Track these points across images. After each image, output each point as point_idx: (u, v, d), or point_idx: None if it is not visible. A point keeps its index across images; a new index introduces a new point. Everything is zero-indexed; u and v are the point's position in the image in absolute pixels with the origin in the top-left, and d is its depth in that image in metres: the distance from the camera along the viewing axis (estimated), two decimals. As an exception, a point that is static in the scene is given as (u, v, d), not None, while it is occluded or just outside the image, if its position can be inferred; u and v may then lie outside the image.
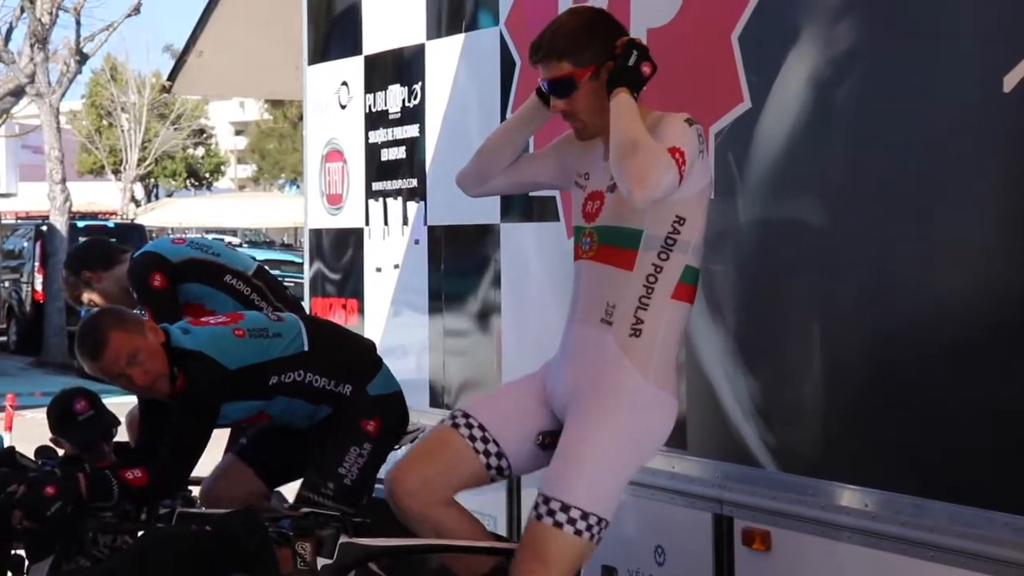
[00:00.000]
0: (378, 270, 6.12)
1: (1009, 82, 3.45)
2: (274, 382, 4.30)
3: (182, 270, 5.10)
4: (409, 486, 3.74)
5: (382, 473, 4.84)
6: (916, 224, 3.72)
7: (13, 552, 4.39)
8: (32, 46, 20.29)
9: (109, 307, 4.52)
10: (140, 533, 4.10)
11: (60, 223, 20.68)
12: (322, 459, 4.37)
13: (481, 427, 3.76)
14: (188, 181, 48.99)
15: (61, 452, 4.73)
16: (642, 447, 3.69)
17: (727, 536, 4.27)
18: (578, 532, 3.55)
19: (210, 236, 30.39)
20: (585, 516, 3.54)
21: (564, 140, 3.91)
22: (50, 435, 4.81)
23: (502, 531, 5.16)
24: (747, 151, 4.18)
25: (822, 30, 3.98)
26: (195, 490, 4.78)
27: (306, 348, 4.38)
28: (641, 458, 3.71)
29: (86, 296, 5.28)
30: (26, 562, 4.34)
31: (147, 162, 39.68)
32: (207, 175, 50.36)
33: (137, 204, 39.85)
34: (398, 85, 5.97)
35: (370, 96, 6.17)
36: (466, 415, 3.80)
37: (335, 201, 6.45)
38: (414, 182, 5.86)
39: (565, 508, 3.54)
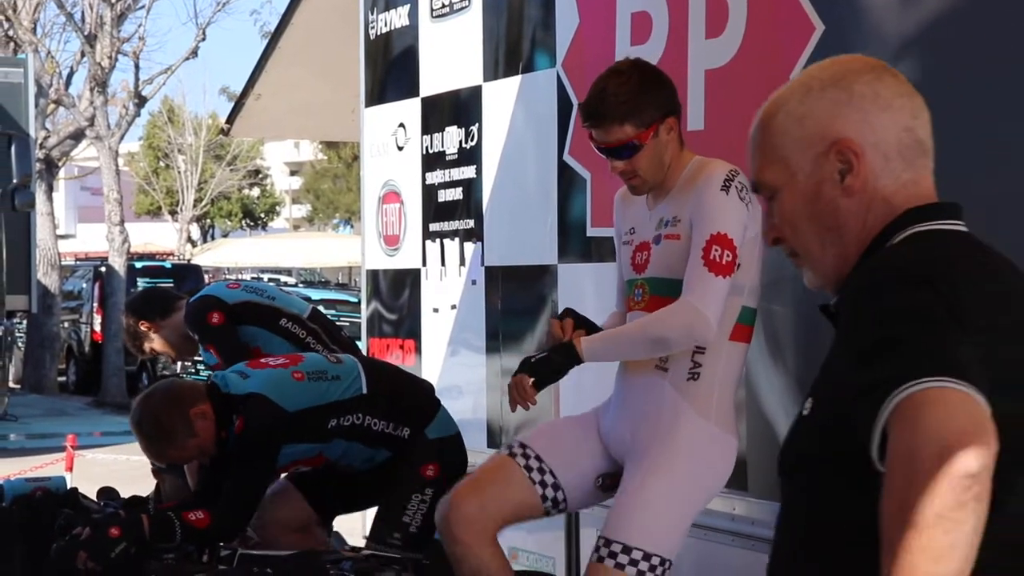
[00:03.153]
0: (435, 310, 6.13)
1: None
2: (333, 425, 4.30)
3: (238, 313, 5.12)
4: (465, 511, 3.68)
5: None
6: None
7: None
8: (92, 90, 20.55)
9: (149, 423, 4.28)
10: (201, 575, 4.11)
11: (118, 264, 20.86)
12: (386, 509, 4.36)
13: (538, 458, 3.74)
14: (243, 221, 49.37)
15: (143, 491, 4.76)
16: (704, 489, 3.66)
17: (789, 579, 4.21)
18: (640, 573, 3.52)
19: (265, 276, 30.62)
20: (648, 557, 3.52)
21: (615, 219, 3.92)
22: (152, 468, 4.88)
23: (561, 573, 5.13)
24: (806, 191, 4.16)
25: (881, 70, 3.96)
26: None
27: (364, 391, 4.38)
28: (703, 500, 3.68)
29: (147, 346, 5.32)
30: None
31: (203, 203, 40.03)
32: (262, 215, 50.73)
33: (193, 244, 40.19)
34: (455, 127, 5.99)
35: (427, 137, 6.19)
36: (523, 446, 3.78)
37: (392, 242, 6.48)
38: (471, 223, 5.87)
39: (627, 550, 3.52)
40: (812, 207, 1.95)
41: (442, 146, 6.08)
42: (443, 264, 6.06)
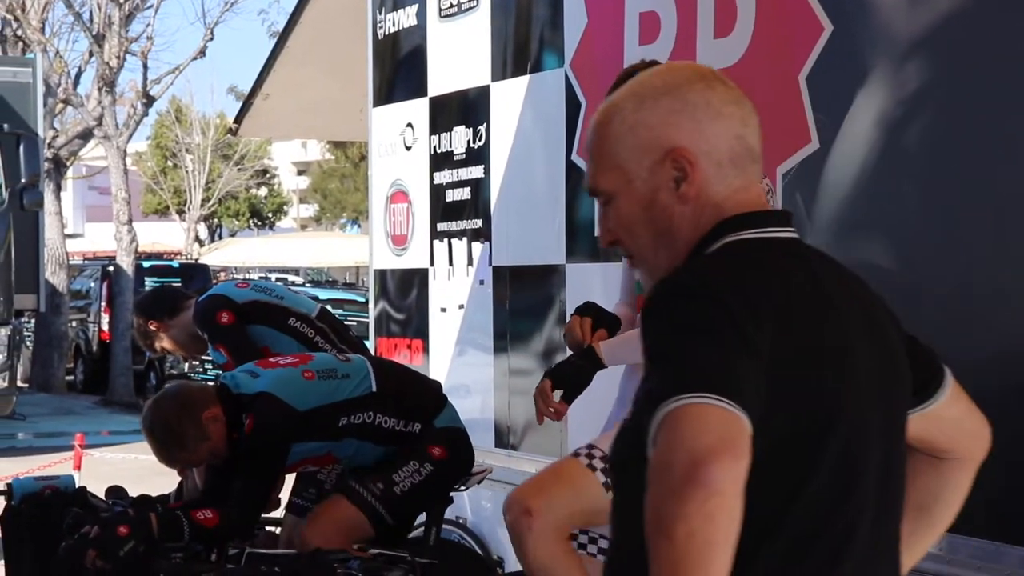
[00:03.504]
0: (443, 310, 6.13)
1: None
2: (343, 423, 4.30)
3: (247, 312, 5.12)
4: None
5: (466, 514, 4.84)
6: (988, 265, 3.68)
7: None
8: (100, 89, 20.57)
9: (161, 428, 4.27)
10: (209, 574, 4.11)
11: (126, 263, 20.88)
12: (380, 465, 4.37)
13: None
14: (251, 221, 49.41)
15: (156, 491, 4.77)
16: None
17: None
18: (606, 486, 3.50)
19: (273, 275, 30.62)
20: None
21: None
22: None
23: None
24: (815, 192, 4.16)
25: (890, 69, 3.96)
26: (275, 529, 4.79)
27: (374, 389, 4.38)
28: None
29: (158, 345, 5.33)
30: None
31: (211, 202, 40.06)
32: (270, 215, 50.77)
33: (201, 244, 40.21)
34: (463, 126, 5.99)
35: (435, 137, 6.19)
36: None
37: (400, 242, 6.48)
38: (479, 223, 5.87)
39: (606, 458, 3.53)
40: (648, 213, 1.99)
41: (450, 146, 6.08)
42: (451, 264, 6.06)
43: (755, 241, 1.96)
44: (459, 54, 6.03)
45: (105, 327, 21.72)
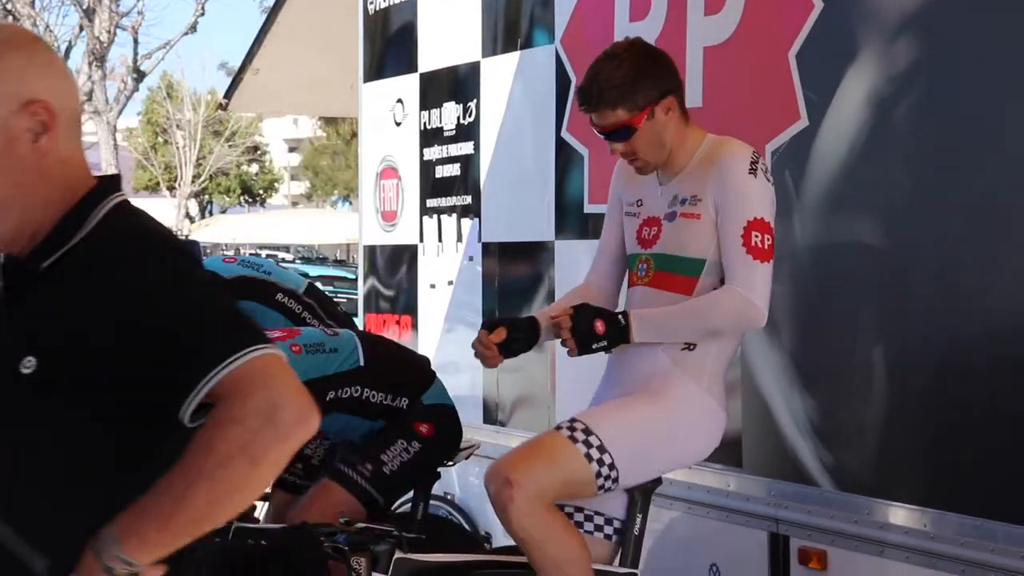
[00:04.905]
0: (432, 286, 6.13)
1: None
2: (331, 397, 4.30)
3: (234, 288, 5.11)
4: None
5: (451, 489, 4.84)
6: (976, 241, 3.68)
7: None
8: (90, 64, 20.52)
9: None
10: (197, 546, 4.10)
11: (116, 239, 20.82)
12: (368, 444, 4.37)
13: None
14: (242, 198, 49.31)
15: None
16: (684, 442, 3.64)
17: (783, 555, 4.23)
18: (588, 457, 3.51)
19: (263, 252, 30.59)
20: (602, 449, 3.51)
21: (613, 188, 3.90)
22: None
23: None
24: (804, 169, 4.16)
25: (879, 48, 3.95)
26: (260, 505, 4.78)
27: (362, 363, 4.37)
28: (681, 451, 3.66)
29: None
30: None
31: (202, 179, 40.00)
32: (261, 192, 50.68)
33: (192, 220, 40.14)
34: (453, 102, 5.97)
35: (425, 113, 6.18)
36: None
37: (389, 218, 6.47)
38: (468, 199, 5.86)
39: (587, 431, 3.53)
40: (3, 161, 2.01)
41: (440, 122, 6.06)
42: (440, 240, 6.05)
43: (129, 204, 2.11)
44: (449, 30, 6.01)
45: (95, 302, 21.68)
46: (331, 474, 4.37)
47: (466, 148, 5.88)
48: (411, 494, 4.57)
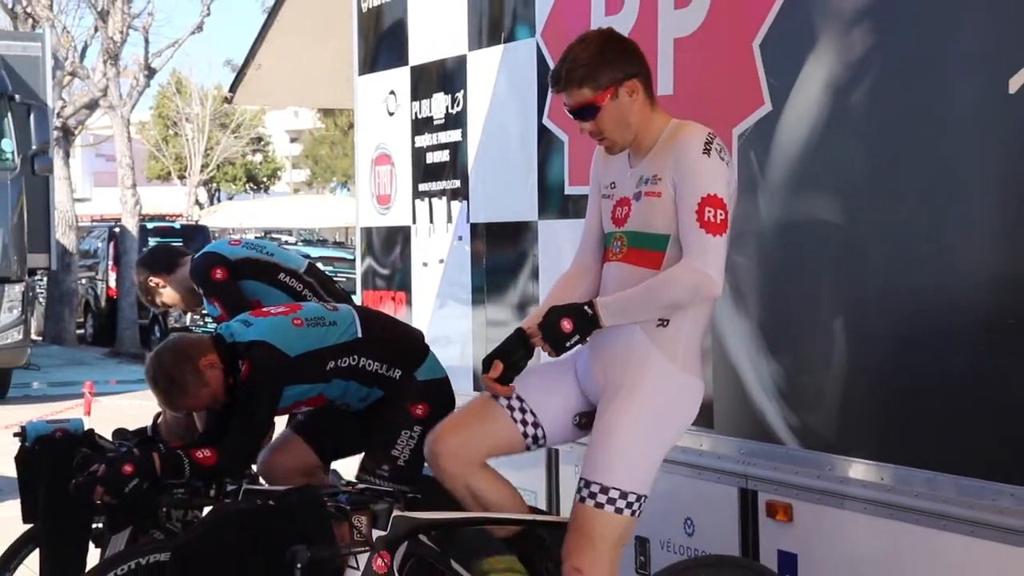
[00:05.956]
0: (424, 265, 6.12)
1: (1014, 84, 3.41)
2: (331, 367, 4.29)
3: (239, 268, 5.10)
4: (449, 446, 3.74)
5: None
6: (928, 216, 3.68)
7: (95, 525, 4.42)
8: (105, 62, 20.41)
9: (163, 378, 4.22)
10: (209, 508, 4.11)
11: (131, 225, 20.80)
12: (377, 444, 4.37)
13: (519, 398, 3.75)
14: (247, 185, 49.18)
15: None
16: (672, 427, 3.66)
17: (752, 508, 4.24)
18: (619, 510, 3.52)
19: (267, 236, 30.50)
20: (624, 495, 3.52)
21: (592, 173, 3.87)
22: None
23: (542, 506, 5.15)
24: (768, 151, 4.15)
25: (838, 37, 3.94)
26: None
27: (359, 335, 4.37)
28: (671, 437, 3.68)
29: (158, 299, 5.33)
30: (106, 533, 4.36)
31: (209, 168, 39.85)
32: (265, 179, 50.54)
33: (200, 207, 40.02)
34: (442, 93, 5.96)
35: (416, 104, 6.16)
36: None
37: (384, 201, 6.45)
38: (457, 183, 5.85)
39: (604, 490, 3.52)
40: None
41: (430, 111, 6.04)
42: (431, 222, 6.04)
43: None
44: (438, 25, 5.98)
45: (112, 284, 21.64)
46: (359, 482, 4.32)
47: (455, 136, 5.86)
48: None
